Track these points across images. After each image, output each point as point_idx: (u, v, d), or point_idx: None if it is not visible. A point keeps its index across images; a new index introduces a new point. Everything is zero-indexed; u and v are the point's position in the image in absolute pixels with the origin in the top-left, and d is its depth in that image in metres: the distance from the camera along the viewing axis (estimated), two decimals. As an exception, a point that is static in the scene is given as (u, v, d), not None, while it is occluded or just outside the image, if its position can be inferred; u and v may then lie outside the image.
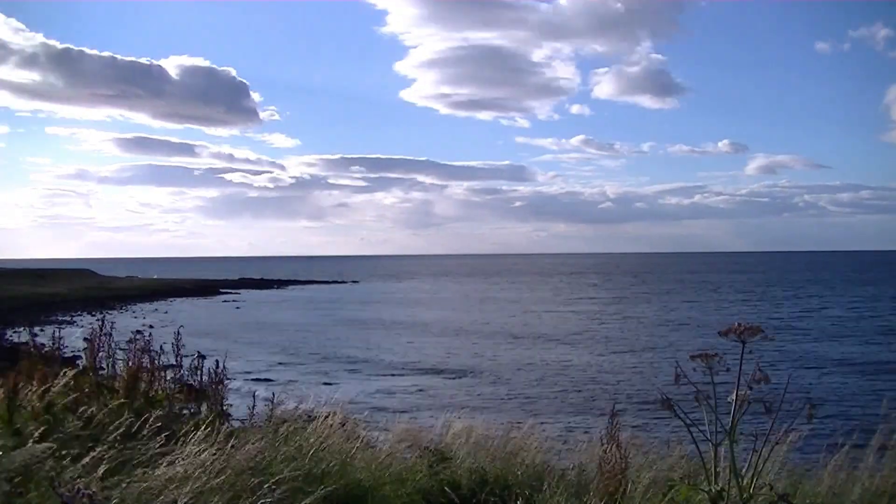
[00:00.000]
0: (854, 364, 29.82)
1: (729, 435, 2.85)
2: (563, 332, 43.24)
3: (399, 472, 6.07)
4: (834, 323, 45.67)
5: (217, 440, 4.89)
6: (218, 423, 5.44)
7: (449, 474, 6.14)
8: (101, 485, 3.99)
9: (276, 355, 34.27)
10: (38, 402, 5.17)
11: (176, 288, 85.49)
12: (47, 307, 54.01)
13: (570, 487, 5.55)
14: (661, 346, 35.57)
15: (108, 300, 63.20)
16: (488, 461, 6.48)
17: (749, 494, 2.82)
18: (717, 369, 2.84)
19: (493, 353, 34.46)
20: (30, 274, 77.48)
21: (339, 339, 40.58)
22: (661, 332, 42.58)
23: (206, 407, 6.54)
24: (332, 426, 6.41)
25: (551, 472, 6.26)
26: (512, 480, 6.08)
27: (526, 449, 6.82)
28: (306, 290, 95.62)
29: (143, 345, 6.66)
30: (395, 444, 7.00)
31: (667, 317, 51.34)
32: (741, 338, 2.83)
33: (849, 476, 5.38)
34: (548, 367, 30.10)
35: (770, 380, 2.77)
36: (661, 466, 5.93)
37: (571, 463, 6.74)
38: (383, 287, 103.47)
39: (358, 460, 5.99)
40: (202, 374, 6.93)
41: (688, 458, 6.08)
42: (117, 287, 79.75)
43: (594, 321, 49.42)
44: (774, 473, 5.05)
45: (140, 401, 5.55)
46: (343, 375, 28.53)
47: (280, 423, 6.20)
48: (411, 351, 35.70)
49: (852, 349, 33.95)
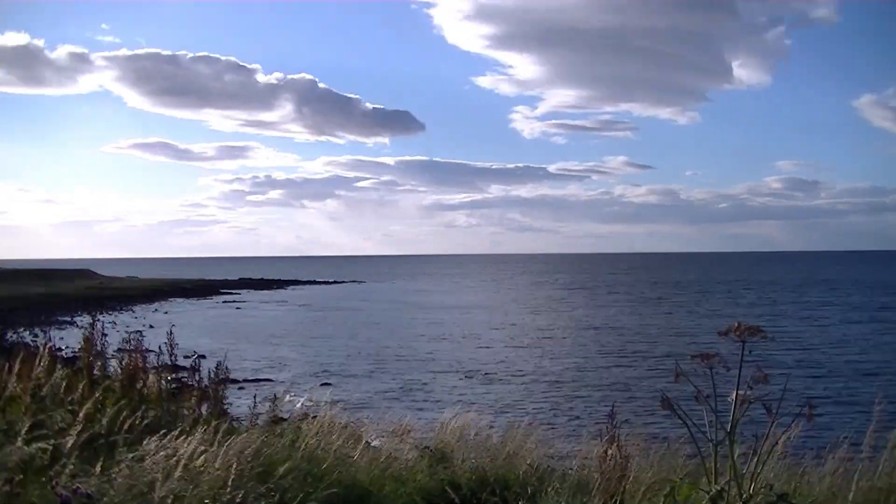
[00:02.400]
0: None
1: (729, 435, 2.85)
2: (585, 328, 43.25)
3: (399, 472, 6.07)
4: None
5: (217, 439, 4.89)
6: (217, 422, 5.43)
7: (449, 474, 6.13)
8: (97, 481, 3.98)
9: (276, 355, 34.26)
10: (28, 398, 5.18)
11: (176, 288, 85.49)
12: (47, 307, 53.99)
13: (570, 487, 5.54)
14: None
15: (108, 300, 63.23)
16: (488, 461, 6.47)
17: (749, 494, 2.82)
18: (716, 369, 2.84)
19: (497, 353, 34.46)
20: (30, 274, 77.53)
21: (339, 340, 40.57)
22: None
23: (206, 406, 6.54)
24: (331, 426, 6.41)
25: (552, 472, 6.26)
26: (512, 480, 6.07)
27: (526, 449, 6.81)
28: (307, 290, 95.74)
29: (139, 344, 6.67)
30: (395, 444, 7.00)
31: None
32: (741, 338, 2.82)
33: (848, 476, 5.37)
34: (549, 367, 30.10)
35: (769, 379, 2.77)
36: (661, 466, 5.92)
37: (572, 463, 6.73)
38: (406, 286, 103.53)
39: (358, 460, 5.98)
40: (201, 373, 6.93)
41: (688, 458, 6.07)
42: (117, 287, 79.76)
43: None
44: (774, 473, 5.04)
45: (136, 399, 5.55)
46: (343, 376, 28.52)
47: (279, 422, 6.20)
48: (411, 351, 35.69)
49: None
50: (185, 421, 5.57)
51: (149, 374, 6.40)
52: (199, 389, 6.76)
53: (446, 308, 62.92)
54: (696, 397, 2.83)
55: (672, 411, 2.89)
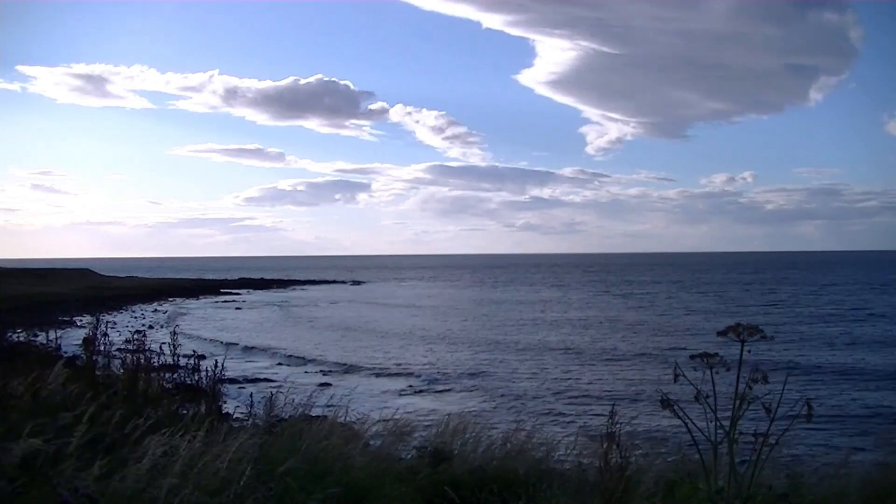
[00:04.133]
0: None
1: (728, 435, 2.85)
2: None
3: (399, 472, 6.06)
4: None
5: (217, 440, 4.89)
6: (215, 421, 5.43)
7: (449, 474, 6.12)
8: (98, 481, 3.99)
9: (275, 356, 34.25)
10: (29, 398, 5.18)
11: (176, 288, 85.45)
12: (47, 307, 53.91)
13: (570, 487, 5.54)
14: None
15: (108, 300, 63.20)
16: (489, 461, 6.46)
17: (749, 494, 2.82)
18: (717, 368, 2.84)
19: (493, 354, 34.44)
20: (30, 274, 77.43)
21: (338, 340, 40.56)
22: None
23: (205, 406, 6.54)
24: (331, 426, 6.40)
25: (551, 472, 6.25)
26: (512, 480, 6.07)
27: (526, 449, 6.80)
28: (308, 290, 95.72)
29: (139, 345, 6.67)
30: (394, 444, 6.99)
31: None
32: (741, 338, 2.83)
33: (847, 476, 5.38)
34: (549, 367, 30.08)
35: (769, 379, 2.77)
36: (661, 466, 5.92)
37: (572, 463, 6.72)
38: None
39: (357, 460, 5.98)
40: (199, 374, 6.93)
41: (688, 458, 6.06)
42: (118, 287, 79.69)
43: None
44: (774, 473, 5.04)
45: (139, 400, 5.56)
46: (342, 376, 28.50)
47: (278, 421, 6.20)
48: (410, 352, 35.68)
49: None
50: (185, 421, 5.57)
51: (150, 375, 6.40)
52: (198, 389, 6.76)
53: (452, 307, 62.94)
54: (696, 397, 2.83)
55: (672, 412, 2.89)
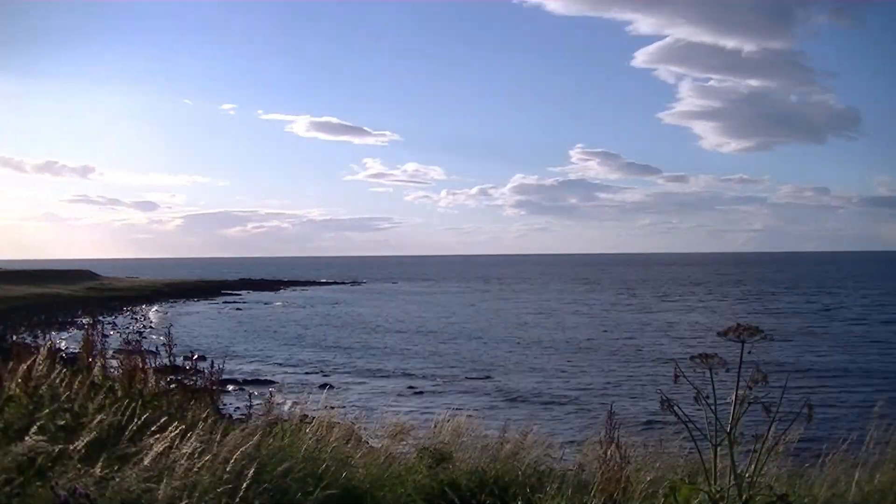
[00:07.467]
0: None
1: (728, 435, 2.84)
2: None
3: (398, 472, 6.05)
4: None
5: (216, 440, 4.88)
6: (215, 422, 5.43)
7: (448, 474, 6.11)
8: (96, 481, 3.98)
9: (274, 356, 34.27)
10: (28, 398, 5.18)
11: (177, 289, 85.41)
12: (48, 308, 53.91)
13: (569, 488, 5.53)
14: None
15: (109, 301, 63.18)
16: (488, 461, 6.45)
17: (749, 495, 2.81)
18: (716, 369, 2.84)
19: (495, 354, 34.43)
20: (30, 274, 77.41)
21: (337, 341, 40.55)
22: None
23: (204, 407, 6.53)
24: (330, 426, 6.40)
25: (551, 473, 6.24)
26: (512, 480, 6.06)
27: (525, 449, 6.79)
28: (308, 290, 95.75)
29: (138, 345, 6.66)
30: (393, 444, 6.98)
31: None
32: (740, 338, 2.82)
33: (848, 476, 5.37)
34: (549, 367, 30.07)
35: (768, 380, 2.76)
36: (660, 467, 5.91)
37: (571, 463, 6.71)
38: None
39: (356, 460, 5.97)
40: (198, 374, 6.93)
41: (688, 459, 6.05)
42: (118, 288, 79.67)
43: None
44: (774, 474, 5.03)
45: (138, 400, 5.54)
46: (342, 376, 28.51)
47: (277, 422, 6.19)
48: (410, 352, 35.67)
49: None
50: (183, 421, 5.56)
51: (148, 375, 6.39)
52: (197, 390, 6.75)
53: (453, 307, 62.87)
54: (696, 398, 2.82)
55: (672, 412, 2.89)
